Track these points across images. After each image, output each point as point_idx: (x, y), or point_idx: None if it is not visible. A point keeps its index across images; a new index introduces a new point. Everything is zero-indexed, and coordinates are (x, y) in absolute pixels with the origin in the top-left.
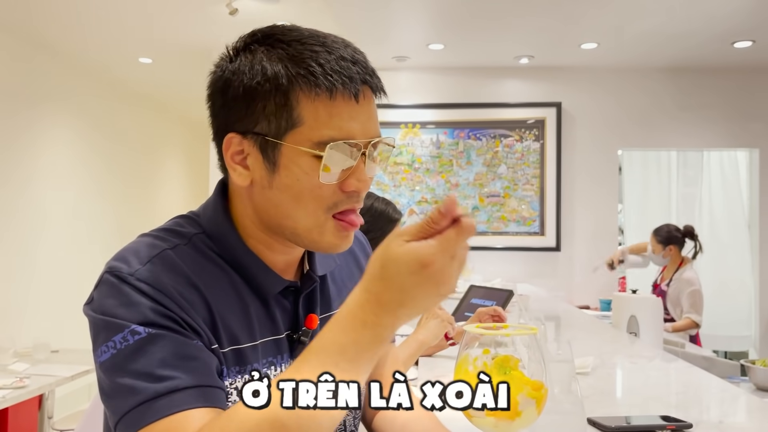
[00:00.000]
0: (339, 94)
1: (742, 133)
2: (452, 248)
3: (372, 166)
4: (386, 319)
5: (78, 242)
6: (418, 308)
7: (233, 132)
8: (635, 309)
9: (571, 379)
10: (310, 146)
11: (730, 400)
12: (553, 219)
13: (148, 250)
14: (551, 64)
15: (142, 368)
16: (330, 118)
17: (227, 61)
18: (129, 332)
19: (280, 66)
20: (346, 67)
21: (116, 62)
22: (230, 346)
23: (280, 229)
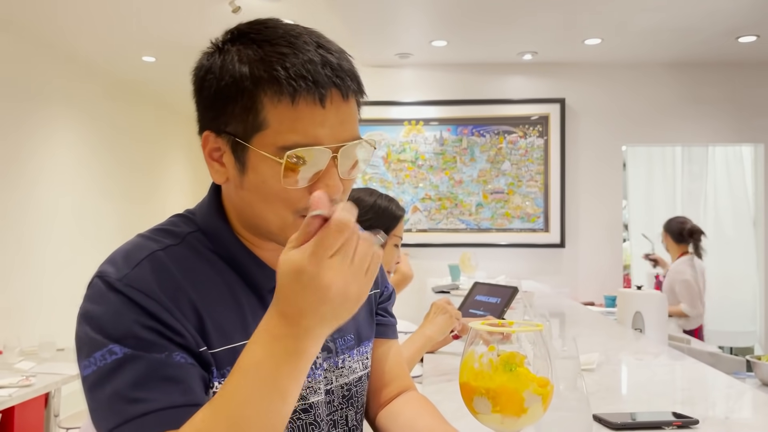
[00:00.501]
0: (302, 99)
1: (747, 128)
2: (326, 250)
3: (347, 169)
4: (293, 330)
5: (83, 241)
6: (321, 318)
7: (209, 130)
8: (640, 305)
9: (576, 376)
10: (273, 151)
11: (735, 396)
12: (557, 215)
13: (139, 252)
14: (555, 60)
15: (118, 389)
16: (293, 123)
17: (206, 58)
18: (107, 351)
19: (247, 69)
20: (313, 70)
21: (119, 61)
22: (224, 345)
23: (257, 228)
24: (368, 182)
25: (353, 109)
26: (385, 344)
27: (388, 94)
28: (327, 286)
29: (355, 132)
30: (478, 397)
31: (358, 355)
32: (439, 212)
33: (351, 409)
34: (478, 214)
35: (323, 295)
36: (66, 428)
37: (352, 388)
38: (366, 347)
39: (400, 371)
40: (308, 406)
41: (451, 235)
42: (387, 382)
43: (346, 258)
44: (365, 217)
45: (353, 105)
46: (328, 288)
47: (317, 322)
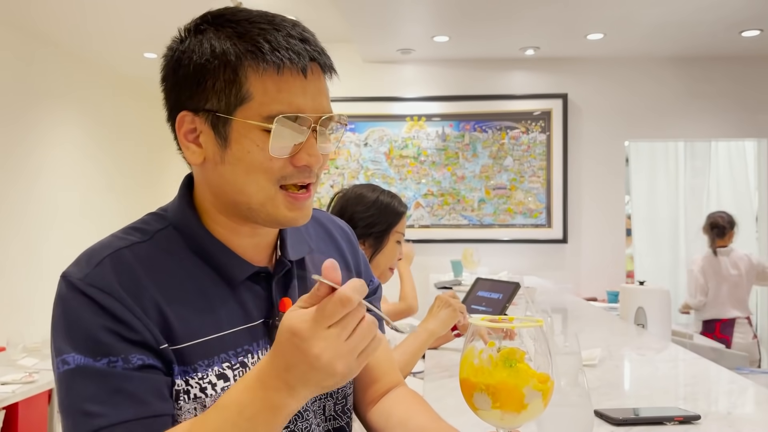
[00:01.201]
0: (287, 69)
1: (751, 123)
2: (325, 320)
3: (324, 143)
4: (278, 383)
5: (86, 238)
6: (305, 381)
7: (185, 110)
8: (643, 300)
9: (578, 372)
10: (259, 120)
11: (738, 391)
12: (559, 211)
13: (102, 250)
14: (557, 55)
15: (72, 402)
16: (278, 93)
17: (178, 42)
18: (61, 360)
19: (229, 43)
20: (294, 44)
21: (121, 58)
22: (192, 340)
23: (236, 207)
24: (370, 178)
25: (326, 84)
26: None
27: (390, 90)
28: (316, 355)
29: (330, 107)
30: (477, 393)
31: None
32: (442, 208)
33: (330, 399)
34: (481, 209)
35: (311, 363)
36: None
37: None
38: None
39: (388, 367)
40: None
41: (454, 230)
42: (376, 377)
43: (342, 333)
44: (367, 213)
45: (326, 81)
46: (317, 358)
47: (302, 384)
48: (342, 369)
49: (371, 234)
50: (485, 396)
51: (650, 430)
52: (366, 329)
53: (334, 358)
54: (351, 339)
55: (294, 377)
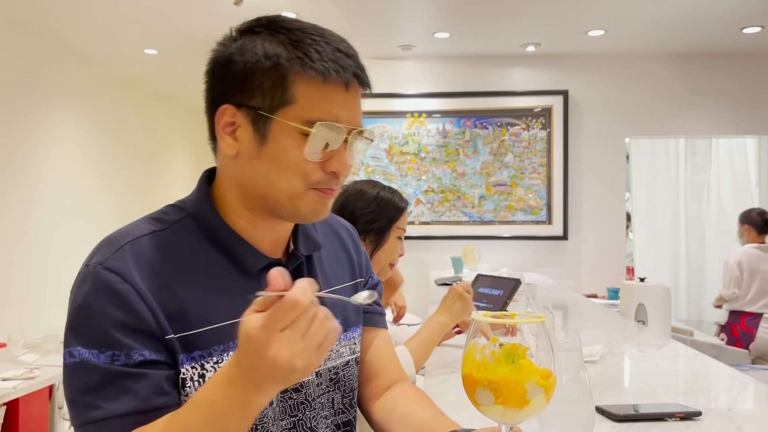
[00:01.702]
0: (332, 80)
1: (751, 120)
2: (275, 324)
3: (353, 155)
4: (245, 382)
5: (87, 234)
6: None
7: (228, 104)
8: (643, 297)
9: (579, 368)
10: (300, 123)
11: (738, 387)
12: (560, 208)
13: (122, 237)
14: (558, 51)
15: (76, 392)
16: (321, 101)
17: (231, 40)
18: (67, 352)
19: (281, 48)
20: (341, 57)
21: (121, 54)
22: (208, 325)
23: (263, 200)
24: (371, 174)
25: (361, 100)
26: (372, 332)
27: (390, 86)
28: (273, 356)
29: (361, 121)
30: (480, 389)
31: (345, 341)
32: (442, 205)
33: (338, 392)
34: (481, 206)
35: (270, 364)
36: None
37: (339, 371)
38: (353, 333)
39: (389, 361)
40: (299, 386)
41: (454, 227)
42: (377, 371)
43: (296, 333)
44: (368, 209)
45: (360, 97)
46: (274, 358)
47: (269, 381)
48: (302, 364)
49: (372, 230)
50: (488, 392)
51: (651, 427)
52: (319, 325)
53: (291, 356)
54: (306, 337)
55: (259, 376)
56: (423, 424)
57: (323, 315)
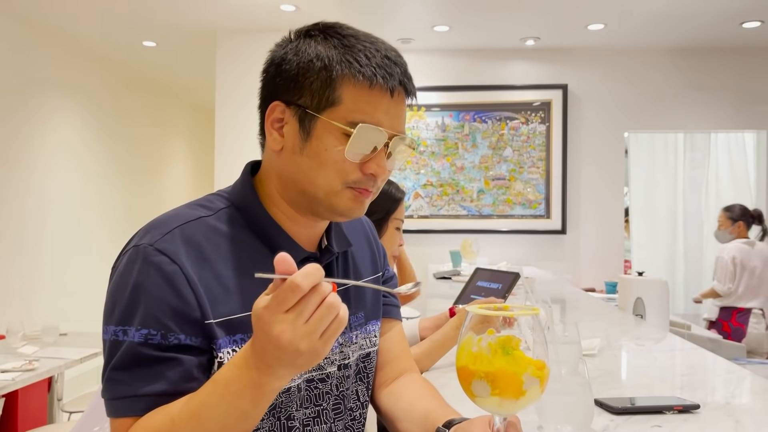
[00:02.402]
0: (378, 86)
1: (750, 115)
2: (278, 305)
3: (392, 160)
4: (257, 363)
5: (85, 226)
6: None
7: (279, 101)
8: (641, 291)
9: (578, 361)
10: (343, 123)
11: (736, 381)
12: (558, 202)
13: (172, 221)
14: (557, 45)
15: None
16: (366, 104)
17: (288, 42)
18: (115, 330)
19: (334, 51)
20: (389, 65)
21: (120, 46)
22: (249, 311)
23: (302, 195)
24: None
25: (405, 109)
26: (388, 323)
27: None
28: (277, 337)
29: (404, 129)
30: (477, 380)
31: (366, 333)
32: (441, 198)
33: (362, 384)
34: (480, 200)
35: (275, 344)
36: (69, 412)
37: (360, 363)
38: (373, 326)
39: (401, 351)
40: (325, 376)
41: (453, 221)
42: (388, 360)
43: (299, 317)
44: None
45: (405, 105)
46: (278, 339)
47: (278, 364)
48: (306, 348)
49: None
50: (484, 383)
51: (650, 419)
52: (324, 311)
53: (294, 339)
54: (310, 321)
55: (269, 358)
56: (427, 412)
57: (331, 302)
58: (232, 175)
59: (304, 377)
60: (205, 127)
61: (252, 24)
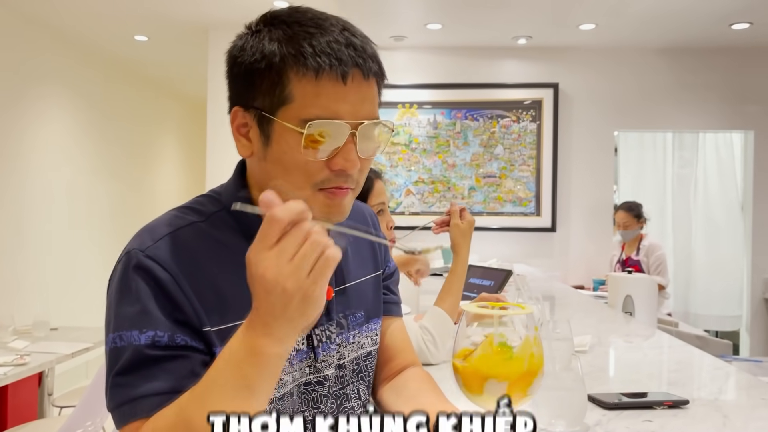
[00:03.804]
0: (326, 74)
1: (738, 115)
2: (262, 241)
3: (365, 147)
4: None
5: (75, 220)
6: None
7: (238, 105)
8: (631, 289)
9: (571, 357)
10: (296, 123)
11: (723, 377)
12: (548, 199)
13: (163, 227)
14: (549, 44)
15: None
16: (316, 98)
17: (239, 39)
18: (117, 336)
19: (276, 46)
20: (337, 49)
21: (111, 40)
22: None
23: None
24: None
25: (374, 90)
26: (388, 320)
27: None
28: (261, 275)
29: (375, 112)
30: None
31: (368, 332)
32: (432, 195)
33: (362, 382)
34: (471, 197)
35: (262, 285)
36: (60, 407)
37: (361, 362)
38: (375, 324)
39: (403, 346)
40: (323, 379)
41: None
42: (391, 356)
43: (283, 254)
44: None
45: (374, 86)
46: (262, 277)
47: (271, 318)
48: (292, 287)
49: None
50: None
51: (641, 414)
52: (308, 247)
53: (278, 276)
54: (294, 258)
55: (263, 311)
56: (426, 407)
57: (315, 238)
58: (224, 169)
59: (298, 381)
60: (197, 122)
61: (245, 18)
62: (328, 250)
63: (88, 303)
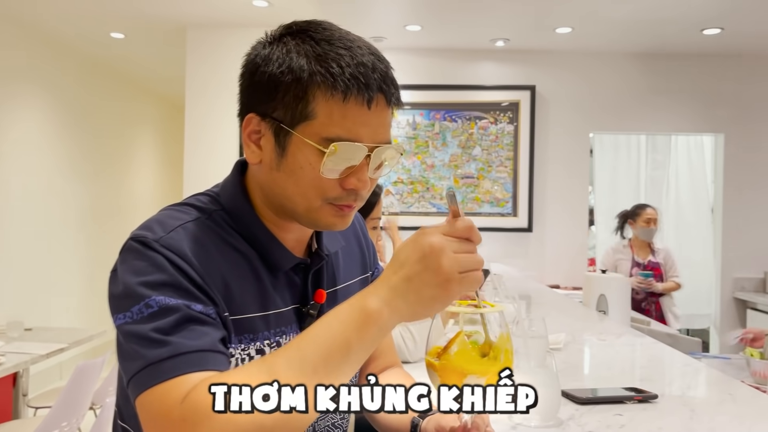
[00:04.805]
0: (353, 98)
1: (709, 118)
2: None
3: (376, 170)
4: (379, 285)
5: (50, 221)
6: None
7: (254, 113)
8: (604, 288)
9: (546, 354)
10: (317, 141)
11: (692, 373)
12: (525, 200)
13: (172, 220)
14: (526, 47)
15: (151, 335)
16: (342, 119)
17: (261, 47)
18: (144, 305)
19: (305, 61)
20: (365, 73)
21: (87, 37)
22: (243, 314)
23: (282, 209)
24: None
25: (390, 115)
26: None
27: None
28: (431, 242)
29: (389, 136)
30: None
31: None
32: (411, 196)
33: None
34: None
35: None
36: (35, 407)
37: None
38: None
39: (387, 348)
40: None
41: (423, 218)
42: (374, 357)
43: (454, 244)
44: None
45: (390, 112)
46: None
47: (403, 284)
48: (446, 269)
49: None
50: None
51: (612, 409)
52: (474, 258)
53: (442, 253)
54: (461, 255)
55: (398, 278)
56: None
57: (480, 255)
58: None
59: None
60: (175, 121)
61: (224, 18)
62: (480, 272)
63: (63, 304)
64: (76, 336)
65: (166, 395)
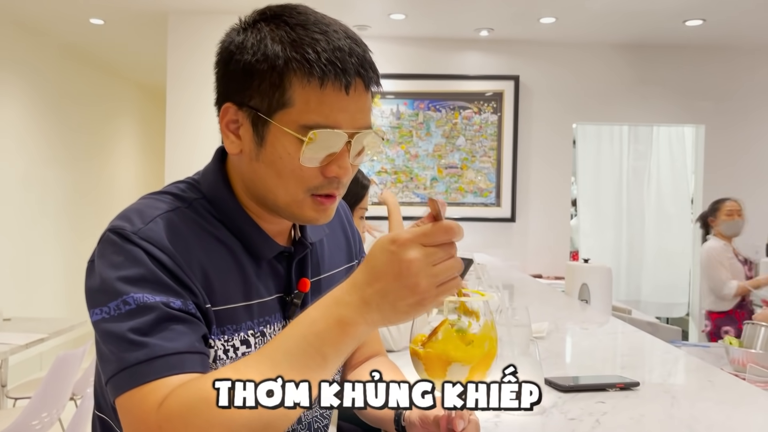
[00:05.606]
0: (330, 83)
1: (690, 110)
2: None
3: (357, 156)
4: (352, 297)
5: (29, 210)
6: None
7: (230, 102)
8: (587, 277)
9: (529, 343)
10: (295, 129)
11: (672, 361)
12: (508, 190)
13: (151, 210)
14: (510, 37)
15: (129, 336)
16: (319, 106)
17: (235, 33)
18: (122, 302)
19: (279, 48)
20: (342, 58)
21: (66, 23)
22: (225, 305)
23: (263, 200)
24: None
25: (369, 99)
26: None
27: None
28: (408, 260)
29: (369, 121)
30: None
31: None
32: (395, 186)
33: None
34: (433, 188)
35: (399, 269)
36: (14, 398)
37: None
38: None
39: (371, 337)
40: None
41: (406, 208)
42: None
43: (434, 256)
44: None
45: (370, 96)
46: (408, 263)
47: (379, 299)
48: (424, 287)
49: None
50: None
51: (594, 396)
52: (452, 264)
53: (420, 271)
54: (439, 266)
55: (373, 291)
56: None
57: (458, 260)
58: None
59: None
60: (156, 109)
61: (206, 4)
62: (459, 278)
63: (42, 293)
64: (57, 326)
65: (143, 401)
